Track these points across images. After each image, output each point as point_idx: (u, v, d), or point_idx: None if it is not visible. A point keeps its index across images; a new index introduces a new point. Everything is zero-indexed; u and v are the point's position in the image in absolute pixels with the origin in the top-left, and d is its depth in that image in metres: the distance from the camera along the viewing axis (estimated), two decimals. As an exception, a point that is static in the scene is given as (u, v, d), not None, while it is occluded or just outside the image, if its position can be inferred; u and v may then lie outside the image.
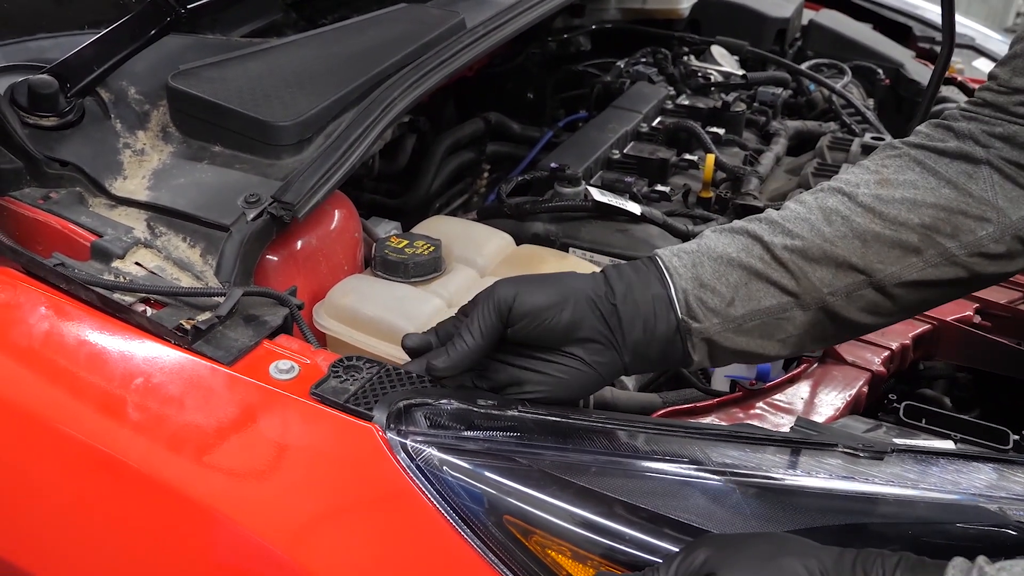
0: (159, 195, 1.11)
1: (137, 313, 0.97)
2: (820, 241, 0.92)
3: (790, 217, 0.94)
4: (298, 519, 0.84)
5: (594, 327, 0.89)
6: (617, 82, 1.90)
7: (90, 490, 0.90)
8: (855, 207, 0.93)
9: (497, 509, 0.83)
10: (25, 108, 1.15)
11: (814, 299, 0.92)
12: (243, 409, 0.90)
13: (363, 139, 1.15)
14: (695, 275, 0.91)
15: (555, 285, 0.90)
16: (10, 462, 0.93)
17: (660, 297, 0.91)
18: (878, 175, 0.95)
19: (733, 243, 0.93)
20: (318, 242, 1.17)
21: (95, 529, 0.90)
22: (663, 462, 0.87)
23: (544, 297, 0.89)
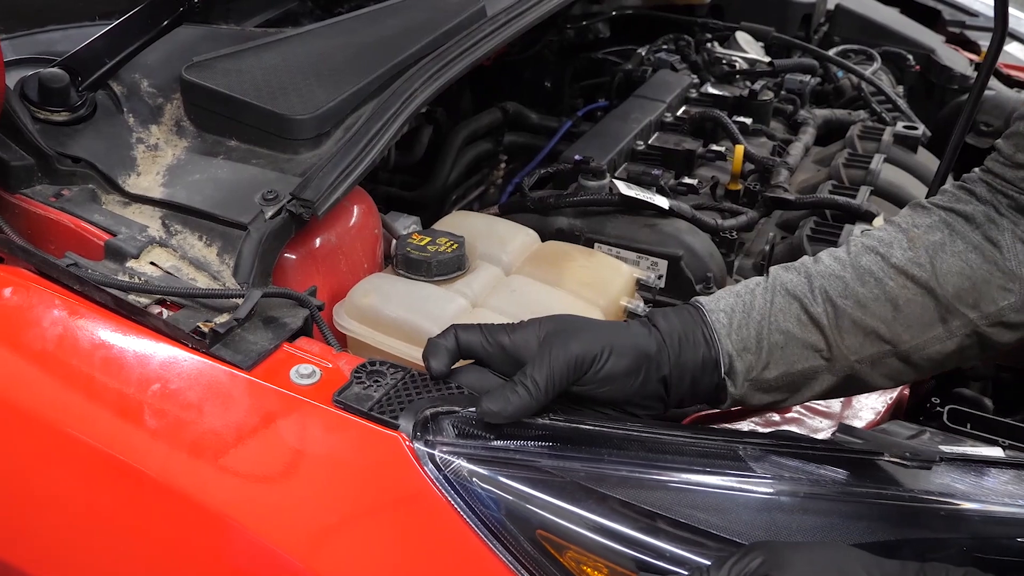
0: (174, 192, 1.07)
1: (153, 315, 0.94)
2: (852, 305, 0.92)
3: (826, 273, 0.94)
4: (321, 532, 0.81)
5: (655, 392, 0.90)
6: (639, 70, 1.86)
7: (106, 498, 0.86)
8: (888, 268, 0.93)
9: (529, 523, 0.80)
10: (35, 103, 1.11)
11: (843, 365, 0.93)
12: (264, 417, 0.87)
13: (384, 132, 1.11)
14: (740, 338, 0.92)
15: (628, 349, 0.88)
16: (24, 469, 0.90)
17: (708, 360, 0.91)
18: (908, 235, 0.95)
19: (775, 302, 0.93)
20: (337, 240, 1.13)
21: (111, 539, 0.87)
22: (704, 473, 0.84)
23: (622, 364, 0.87)
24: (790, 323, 0.92)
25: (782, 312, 0.92)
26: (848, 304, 0.92)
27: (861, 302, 0.92)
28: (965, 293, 0.91)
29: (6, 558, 0.88)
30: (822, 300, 0.92)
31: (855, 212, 1.41)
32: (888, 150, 1.63)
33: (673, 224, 1.32)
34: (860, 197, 1.44)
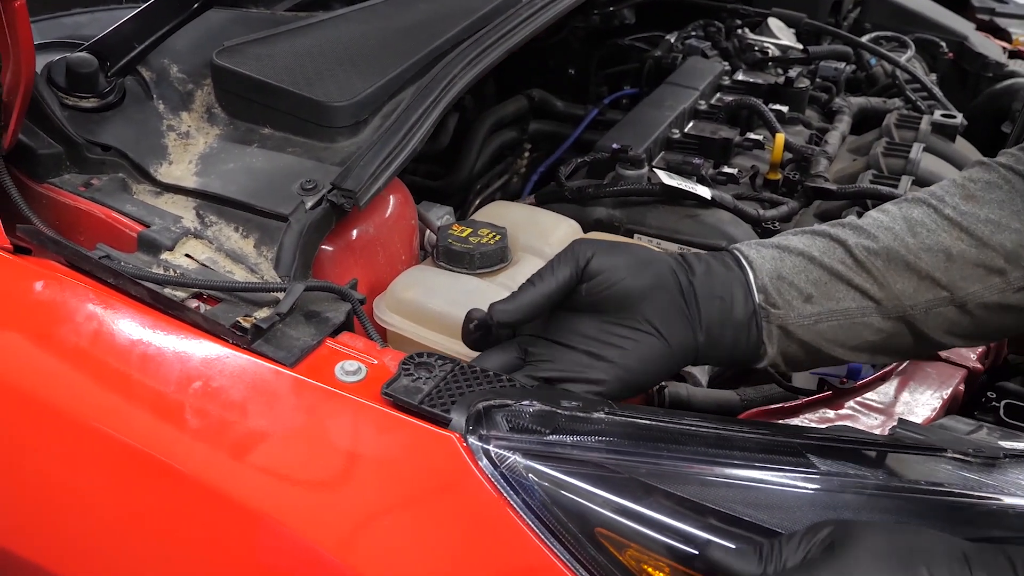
0: (208, 182, 1.04)
1: (191, 310, 0.90)
2: (903, 251, 0.88)
3: (873, 224, 0.90)
4: (373, 534, 0.78)
5: (672, 297, 0.86)
6: (669, 57, 1.82)
7: (146, 501, 0.83)
8: (940, 220, 0.89)
9: (588, 521, 0.76)
10: (63, 88, 1.07)
11: (895, 307, 0.88)
12: (311, 416, 0.83)
13: (424, 120, 1.07)
14: (775, 268, 0.88)
15: (635, 250, 0.88)
16: (61, 471, 0.86)
17: (739, 281, 0.88)
18: (964, 190, 0.91)
19: (814, 244, 0.90)
20: (375, 231, 1.09)
21: (152, 543, 0.83)
22: (766, 469, 0.81)
23: (623, 259, 0.86)
24: (834, 262, 0.88)
25: (826, 253, 0.89)
26: (899, 249, 0.88)
27: (912, 250, 0.88)
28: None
29: (44, 564, 0.85)
30: (870, 241, 0.88)
31: (898, 202, 1.37)
32: (926, 139, 1.59)
33: (715, 215, 1.29)
34: (902, 187, 1.41)
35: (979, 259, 0.88)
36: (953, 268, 0.88)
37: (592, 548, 0.76)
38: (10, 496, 0.87)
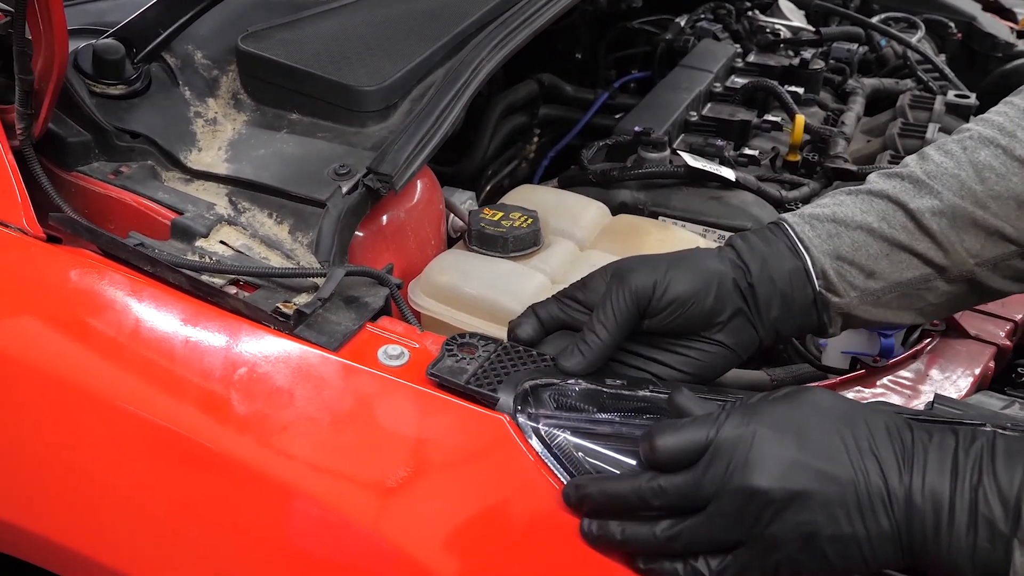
0: (240, 168, 1.03)
1: (232, 296, 0.90)
2: (971, 205, 0.84)
3: (936, 173, 0.85)
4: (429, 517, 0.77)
5: (736, 309, 0.84)
6: (680, 40, 1.81)
7: (197, 489, 0.82)
8: (1011, 163, 0.84)
9: None
10: (90, 76, 1.06)
11: (960, 270, 0.85)
12: (360, 399, 0.83)
13: (454, 104, 1.07)
14: (832, 248, 0.85)
15: (691, 269, 0.84)
16: (108, 463, 0.86)
17: (796, 271, 0.85)
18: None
19: (872, 210, 0.86)
20: (406, 216, 1.09)
21: (204, 530, 0.83)
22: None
23: (685, 285, 0.83)
24: (895, 230, 0.84)
25: (884, 220, 0.85)
26: (967, 204, 0.83)
27: (981, 201, 0.83)
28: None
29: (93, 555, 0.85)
30: (934, 200, 0.84)
31: (919, 182, 1.37)
32: (941, 119, 1.59)
33: (739, 196, 1.29)
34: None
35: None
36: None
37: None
38: (57, 488, 0.87)
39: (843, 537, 0.67)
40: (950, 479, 0.67)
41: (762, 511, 0.68)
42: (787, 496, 0.67)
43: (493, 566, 0.76)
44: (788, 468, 0.68)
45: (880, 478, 0.68)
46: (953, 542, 0.66)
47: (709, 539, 0.70)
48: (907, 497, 0.67)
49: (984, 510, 0.65)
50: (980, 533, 0.65)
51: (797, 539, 0.68)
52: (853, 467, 0.68)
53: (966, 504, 0.66)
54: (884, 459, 0.68)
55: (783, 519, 0.68)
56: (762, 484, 0.68)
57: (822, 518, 0.67)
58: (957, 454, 0.68)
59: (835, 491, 0.68)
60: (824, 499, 0.67)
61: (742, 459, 0.69)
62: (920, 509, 0.67)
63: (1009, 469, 0.66)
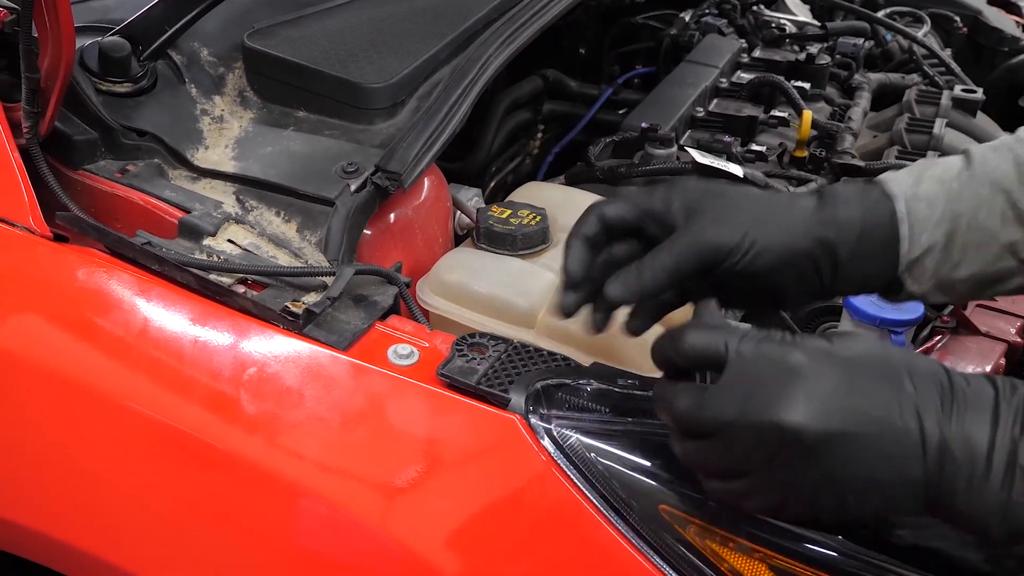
0: (247, 166, 1.03)
1: (240, 295, 0.89)
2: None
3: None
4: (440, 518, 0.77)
5: (812, 289, 0.80)
6: (685, 35, 1.80)
7: (207, 490, 0.82)
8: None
9: (652, 498, 0.76)
10: (96, 73, 1.06)
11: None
12: (370, 399, 0.83)
13: (462, 101, 1.06)
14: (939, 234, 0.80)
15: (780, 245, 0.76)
16: (116, 463, 0.85)
17: (889, 260, 0.80)
18: None
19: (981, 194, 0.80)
20: (413, 213, 1.09)
21: (211, 531, 0.83)
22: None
23: (769, 260, 0.76)
24: (994, 220, 0.80)
25: (987, 206, 0.80)
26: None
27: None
28: None
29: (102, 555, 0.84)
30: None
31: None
32: (948, 114, 1.59)
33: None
34: (930, 162, 1.40)
35: None
36: None
37: (656, 525, 0.76)
38: (64, 487, 0.87)
39: (870, 483, 0.63)
40: (990, 428, 0.63)
41: (790, 448, 0.64)
42: (822, 437, 0.63)
43: (506, 569, 0.76)
44: (825, 404, 0.64)
45: (917, 423, 0.63)
46: (987, 494, 0.62)
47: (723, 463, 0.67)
48: (942, 444, 0.63)
49: (1023, 462, 0.61)
50: (1016, 487, 0.61)
51: (816, 479, 0.64)
52: (890, 410, 0.63)
53: (1004, 455, 0.62)
54: (924, 405, 0.64)
55: (810, 460, 0.63)
56: (795, 420, 0.63)
57: (845, 458, 0.63)
58: (998, 403, 0.64)
59: (872, 433, 0.63)
60: (851, 439, 0.63)
61: (772, 385, 0.65)
62: (954, 458, 0.63)
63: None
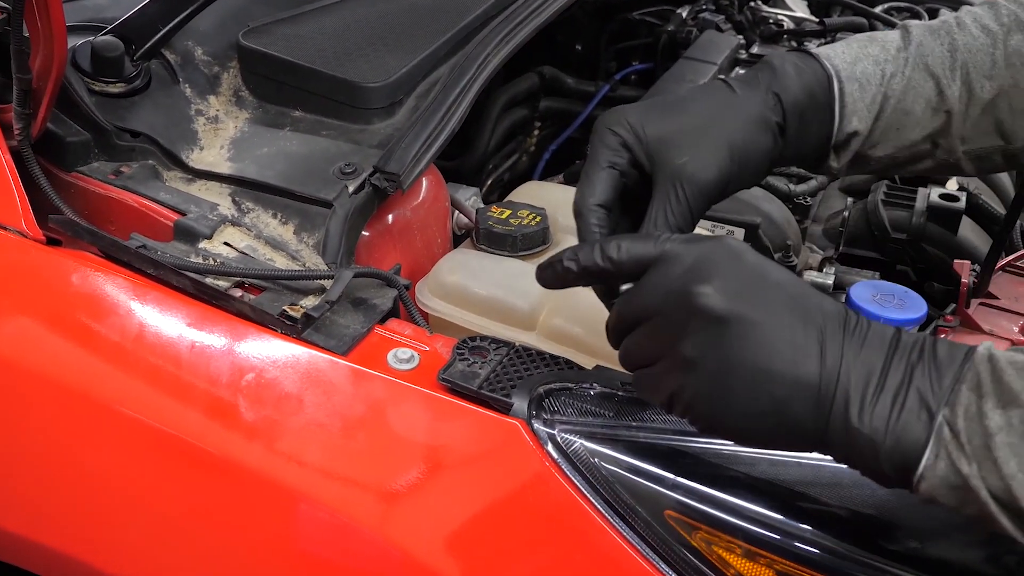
0: (243, 167, 1.01)
1: (237, 299, 0.88)
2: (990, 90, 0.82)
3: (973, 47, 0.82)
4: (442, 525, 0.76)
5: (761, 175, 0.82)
6: (683, 31, 1.79)
7: (206, 498, 0.81)
8: None
9: (658, 504, 0.75)
10: (89, 74, 1.04)
11: (949, 156, 0.85)
12: (370, 405, 0.82)
13: (461, 100, 1.05)
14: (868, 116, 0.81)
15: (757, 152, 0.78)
16: (110, 470, 0.84)
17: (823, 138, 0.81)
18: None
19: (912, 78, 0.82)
20: (412, 214, 1.07)
21: (211, 539, 0.82)
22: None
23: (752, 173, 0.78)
24: (919, 104, 0.82)
25: (915, 90, 0.82)
26: (987, 90, 0.82)
27: (1003, 88, 0.82)
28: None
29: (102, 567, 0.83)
30: (960, 83, 0.82)
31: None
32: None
33: (748, 191, 1.27)
34: (929, 159, 1.40)
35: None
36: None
37: (662, 531, 0.75)
38: (61, 497, 0.85)
39: (765, 373, 0.63)
40: (887, 351, 0.63)
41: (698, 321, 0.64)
42: (728, 314, 0.63)
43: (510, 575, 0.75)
44: (738, 288, 0.64)
45: (818, 335, 0.64)
46: (877, 409, 0.62)
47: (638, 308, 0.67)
48: (841, 356, 0.63)
49: (919, 382, 0.62)
50: (908, 404, 0.62)
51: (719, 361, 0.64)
52: (795, 315, 0.64)
53: (899, 374, 0.63)
54: (828, 316, 0.65)
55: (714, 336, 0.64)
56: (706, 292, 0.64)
57: (753, 347, 0.63)
58: (900, 337, 0.65)
59: (776, 325, 0.63)
60: (763, 330, 0.63)
61: (693, 268, 0.65)
62: (848, 371, 0.63)
63: (952, 355, 0.63)
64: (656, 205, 0.76)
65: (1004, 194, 1.53)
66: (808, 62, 0.82)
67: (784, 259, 1.22)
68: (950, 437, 0.61)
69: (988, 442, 0.60)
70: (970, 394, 0.61)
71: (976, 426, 0.61)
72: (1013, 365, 0.62)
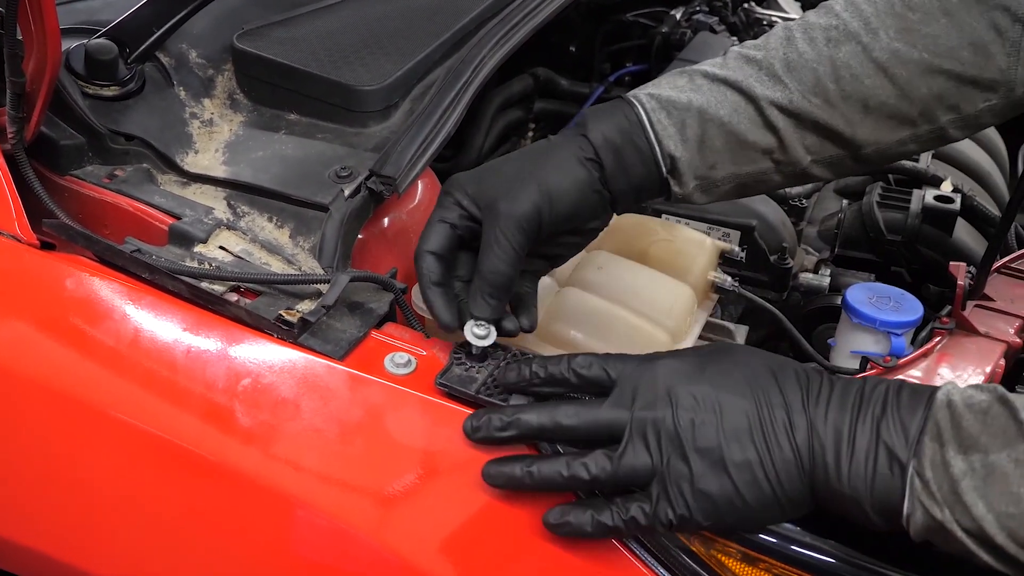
0: (239, 171, 1.01)
1: (233, 304, 0.88)
2: (819, 106, 0.85)
3: (796, 65, 0.85)
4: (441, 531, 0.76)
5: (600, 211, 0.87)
6: (677, 32, 1.79)
7: (204, 504, 0.81)
8: (868, 64, 0.85)
9: None
10: (83, 77, 1.03)
11: (795, 167, 0.88)
12: (368, 410, 0.81)
13: (456, 103, 1.04)
14: (683, 138, 0.85)
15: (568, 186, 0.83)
16: (106, 477, 0.84)
17: (650, 166, 0.85)
18: (903, 21, 0.85)
19: (725, 102, 0.86)
20: (407, 217, 1.07)
21: (209, 545, 0.81)
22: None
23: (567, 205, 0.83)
24: (742, 125, 0.85)
25: (735, 112, 0.85)
26: (816, 104, 0.85)
27: (831, 101, 0.85)
28: (949, 94, 0.85)
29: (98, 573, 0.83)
30: (783, 94, 0.85)
31: (922, 177, 1.37)
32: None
33: (743, 193, 1.27)
34: (923, 161, 1.40)
35: (895, 111, 0.86)
36: (867, 121, 0.86)
37: (660, 535, 0.76)
38: (56, 504, 0.85)
39: (748, 463, 0.68)
40: (851, 412, 0.68)
41: (670, 439, 0.69)
42: (692, 423, 0.69)
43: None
44: (692, 397, 0.70)
45: (784, 409, 0.69)
46: (853, 469, 0.67)
47: (621, 471, 0.70)
48: (809, 425, 0.68)
49: (886, 437, 0.67)
50: (880, 461, 0.66)
51: (706, 468, 0.68)
52: (756, 399, 0.70)
53: (867, 432, 0.67)
54: (788, 392, 0.70)
55: (690, 447, 0.69)
56: (667, 413, 0.69)
57: (727, 444, 0.68)
58: (863, 391, 0.69)
59: (738, 418, 0.69)
60: (728, 426, 0.69)
61: (650, 389, 0.71)
62: (821, 436, 0.68)
63: (913, 404, 0.68)
64: (483, 243, 0.82)
65: (999, 196, 1.53)
66: (616, 102, 0.88)
67: (780, 261, 1.22)
68: (920, 487, 0.66)
69: (955, 487, 0.64)
70: (932, 444, 0.66)
71: (942, 474, 0.65)
72: (971, 409, 0.66)
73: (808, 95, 0.85)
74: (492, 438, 0.75)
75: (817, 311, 1.22)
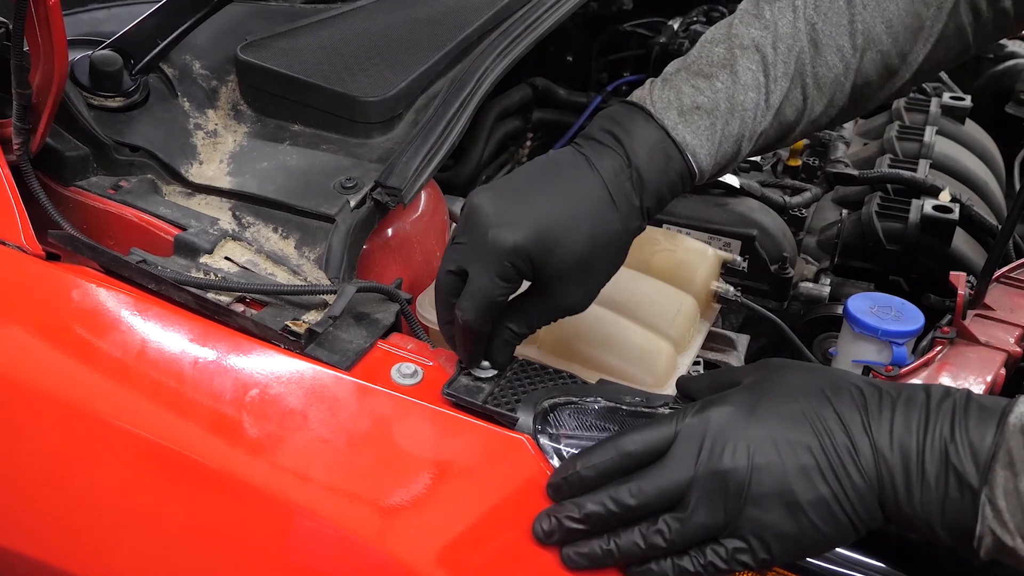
0: (244, 181, 1.01)
1: (239, 315, 0.88)
2: (811, 85, 0.88)
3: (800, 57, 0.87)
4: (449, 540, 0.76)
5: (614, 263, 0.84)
6: (674, 43, 1.80)
7: (213, 515, 0.80)
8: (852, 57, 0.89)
9: None
10: (87, 88, 1.04)
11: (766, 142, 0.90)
12: (376, 421, 0.81)
13: (460, 114, 1.05)
14: (716, 162, 0.85)
15: (579, 228, 0.79)
16: (112, 487, 0.83)
17: (685, 184, 0.85)
18: None
19: (746, 103, 0.85)
20: (411, 228, 1.07)
21: (216, 558, 0.81)
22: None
23: (574, 249, 0.79)
24: (745, 126, 0.86)
25: (746, 114, 0.86)
26: (809, 85, 0.88)
27: (820, 83, 0.88)
28: None
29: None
30: (785, 85, 0.87)
31: (920, 186, 1.38)
32: (937, 121, 1.60)
33: (744, 203, 1.28)
34: (921, 171, 1.41)
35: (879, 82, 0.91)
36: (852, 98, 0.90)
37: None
38: (62, 514, 0.84)
39: (823, 499, 0.67)
40: (918, 431, 0.67)
41: (738, 491, 0.68)
42: (756, 470, 0.68)
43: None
44: (750, 443, 0.69)
45: (845, 434, 0.68)
46: (924, 493, 0.66)
47: (694, 530, 0.69)
48: (874, 449, 0.67)
49: (955, 462, 0.65)
50: (951, 485, 0.66)
51: (780, 512, 0.68)
52: (815, 430, 0.68)
53: (936, 456, 0.66)
54: (846, 415, 0.69)
55: (759, 494, 0.68)
56: (729, 464, 0.68)
57: (796, 484, 0.67)
58: (928, 407, 0.68)
59: (802, 455, 0.68)
60: (793, 465, 0.68)
61: (708, 443, 0.69)
62: (888, 460, 0.67)
63: (981, 424, 0.66)
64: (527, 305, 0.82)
65: (996, 206, 1.54)
66: (657, 144, 0.83)
67: (780, 270, 1.23)
68: (992, 515, 0.65)
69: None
70: (1004, 472, 0.64)
71: (1016, 503, 0.64)
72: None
73: (805, 76, 0.87)
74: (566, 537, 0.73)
75: (817, 320, 1.23)
